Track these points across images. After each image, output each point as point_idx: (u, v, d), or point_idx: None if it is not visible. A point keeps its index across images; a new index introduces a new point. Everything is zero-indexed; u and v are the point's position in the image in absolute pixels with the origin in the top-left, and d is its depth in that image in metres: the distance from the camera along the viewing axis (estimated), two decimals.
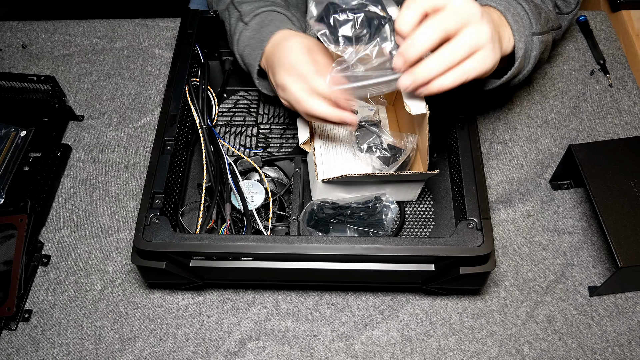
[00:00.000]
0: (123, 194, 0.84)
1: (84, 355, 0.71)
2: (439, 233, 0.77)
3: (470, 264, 0.64)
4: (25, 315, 0.74)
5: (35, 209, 0.79)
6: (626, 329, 0.72)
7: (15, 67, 0.99)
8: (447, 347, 0.71)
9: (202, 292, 0.76)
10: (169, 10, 1.13)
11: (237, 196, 0.74)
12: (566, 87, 0.94)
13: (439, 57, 0.55)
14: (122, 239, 0.80)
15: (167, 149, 0.72)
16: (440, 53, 0.55)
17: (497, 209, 0.81)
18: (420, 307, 0.74)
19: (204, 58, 0.85)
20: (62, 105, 0.90)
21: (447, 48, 0.55)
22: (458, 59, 0.56)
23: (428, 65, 0.56)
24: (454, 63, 0.56)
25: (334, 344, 0.72)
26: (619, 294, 0.74)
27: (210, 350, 0.71)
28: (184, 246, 0.64)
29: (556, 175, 0.83)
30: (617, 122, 0.89)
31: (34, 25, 1.04)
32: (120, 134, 0.90)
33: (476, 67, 0.56)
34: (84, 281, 0.77)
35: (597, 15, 1.01)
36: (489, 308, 0.74)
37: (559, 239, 0.79)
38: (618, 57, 0.96)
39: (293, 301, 0.75)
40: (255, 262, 0.66)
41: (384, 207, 0.73)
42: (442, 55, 0.55)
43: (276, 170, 0.81)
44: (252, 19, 0.75)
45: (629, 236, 0.69)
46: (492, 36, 0.57)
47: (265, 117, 0.89)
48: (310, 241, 0.64)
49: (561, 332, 0.72)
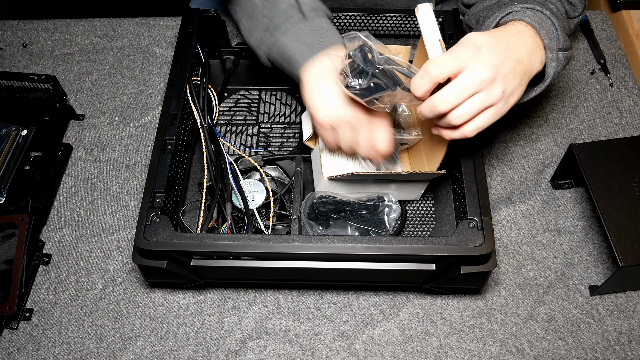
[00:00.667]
0: (124, 193, 0.84)
1: (85, 354, 0.71)
2: (440, 232, 0.77)
3: (471, 263, 0.64)
4: (26, 314, 0.74)
5: (36, 208, 0.79)
6: (627, 329, 0.72)
7: (16, 66, 0.99)
8: (447, 346, 0.71)
9: (203, 291, 0.76)
10: (170, 9, 1.13)
11: (238, 195, 0.74)
12: (567, 87, 0.94)
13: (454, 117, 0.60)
14: (123, 238, 0.80)
15: (167, 148, 0.72)
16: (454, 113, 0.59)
17: (498, 208, 0.81)
18: (421, 307, 0.74)
19: (205, 57, 0.85)
20: (63, 105, 0.90)
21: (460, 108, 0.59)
22: (469, 116, 0.60)
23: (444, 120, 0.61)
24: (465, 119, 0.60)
25: (334, 343, 0.72)
26: (619, 293, 0.75)
27: (211, 349, 0.71)
28: (184, 245, 0.64)
29: (557, 174, 0.83)
30: (617, 122, 0.89)
31: (35, 25, 1.04)
32: (121, 133, 0.90)
33: (486, 122, 0.61)
34: (84, 280, 0.77)
35: (598, 15, 1.01)
36: (490, 307, 0.74)
37: (560, 238, 0.79)
38: (619, 56, 0.96)
39: (294, 300, 0.75)
40: (256, 261, 0.66)
41: (386, 206, 0.73)
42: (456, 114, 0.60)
43: (277, 169, 0.81)
44: (313, 15, 0.71)
45: (630, 235, 0.69)
46: (504, 92, 0.59)
47: (266, 116, 0.89)
48: (311, 240, 0.64)
49: (562, 332, 0.72)
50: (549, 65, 0.66)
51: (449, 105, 0.58)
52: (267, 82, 0.91)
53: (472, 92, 0.58)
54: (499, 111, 0.60)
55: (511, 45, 0.61)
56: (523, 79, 0.62)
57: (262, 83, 0.91)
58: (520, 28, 0.65)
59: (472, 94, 0.58)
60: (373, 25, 0.91)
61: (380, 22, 0.90)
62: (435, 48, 0.63)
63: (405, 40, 0.96)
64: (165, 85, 0.84)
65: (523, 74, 0.62)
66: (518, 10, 0.67)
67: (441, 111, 0.59)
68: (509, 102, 0.61)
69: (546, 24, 0.66)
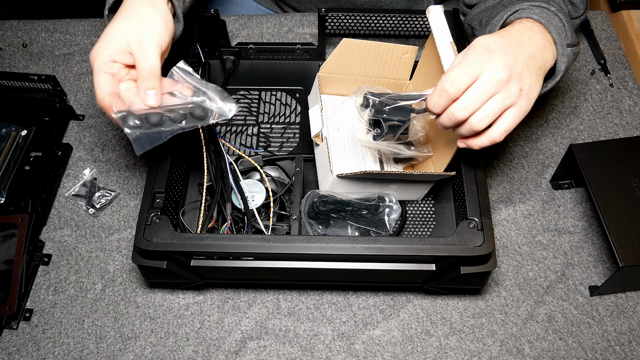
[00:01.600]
0: (124, 193, 0.84)
1: (84, 355, 0.71)
2: (440, 233, 0.77)
3: (471, 263, 0.64)
4: (26, 315, 0.74)
5: (36, 208, 0.79)
6: (627, 329, 0.72)
7: (15, 66, 0.99)
8: (447, 346, 0.71)
9: (203, 292, 0.76)
10: None
11: (238, 195, 0.74)
12: (567, 87, 0.94)
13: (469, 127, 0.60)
14: (122, 239, 0.80)
15: (167, 148, 0.72)
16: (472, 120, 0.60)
17: (498, 208, 0.81)
18: (421, 307, 0.74)
19: (205, 57, 0.85)
20: (63, 105, 0.90)
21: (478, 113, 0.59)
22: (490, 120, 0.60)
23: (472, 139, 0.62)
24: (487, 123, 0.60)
25: (334, 344, 0.72)
26: (619, 293, 0.74)
27: (211, 350, 0.71)
28: (184, 246, 0.64)
29: (557, 174, 0.83)
30: (617, 122, 0.89)
31: (35, 25, 1.04)
32: (121, 133, 0.90)
33: (512, 122, 0.60)
34: (84, 280, 0.77)
35: (598, 15, 1.01)
36: (490, 307, 0.74)
37: (560, 238, 0.79)
38: (619, 57, 0.96)
39: (294, 300, 0.75)
40: (256, 261, 0.66)
41: (387, 207, 0.73)
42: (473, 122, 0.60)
43: (277, 169, 0.81)
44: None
45: (630, 236, 0.69)
46: (521, 89, 0.59)
47: (266, 116, 0.89)
48: (311, 241, 0.64)
49: (562, 332, 0.72)
50: (559, 60, 0.66)
51: (468, 111, 0.58)
52: (267, 83, 0.91)
53: (489, 95, 0.58)
54: (522, 109, 0.60)
55: (522, 43, 0.61)
56: (539, 74, 0.62)
57: (262, 83, 0.91)
58: (529, 25, 0.65)
59: (490, 97, 0.58)
60: (373, 25, 0.91)
61: (380, 22, 0.90)
62: (447, 51, 0.64)
63: (405, 40, 0.96)
64: None
65: (538, 69, 0.62)
66: (525, 8, 0.67)
67: (460, 118, 0.59)
68: (530, 99, 0.61)
69: (554, 20, 0.66)
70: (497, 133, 0.60)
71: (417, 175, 0.71)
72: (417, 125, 0.69)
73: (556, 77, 0.67)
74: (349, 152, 0.77)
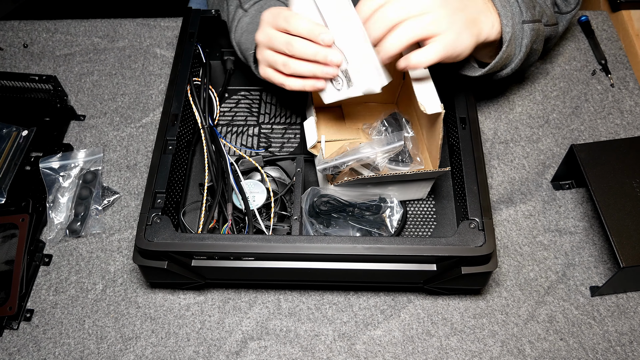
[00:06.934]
0: (124, 193, 0.84)
1: (85, 355, 0.71)
2: (441, 233, 0.77)
3: (471, 263, 0.64)
4: (26, 315, 0.74)
5: (37, 209, 0.79)
6: (628, 329, 0.72)
7: (16, 66, 0.99)
8: (448, 346, 0.71)
9: (204, 292, 0.76)
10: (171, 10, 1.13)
11: (239, 196, 0.74)
12: (568, 87, 0.94)
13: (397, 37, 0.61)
14: (123, 239, 0.80)
15: (168, 149, 0.72)
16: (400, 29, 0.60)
17: (499, 208, 0.81)
18: (421, 307, 0.74)
19: (206, 57, 0.85)
20: (64, 105, 0.90)
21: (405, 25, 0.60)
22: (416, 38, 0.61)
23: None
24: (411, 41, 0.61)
25: (335, 344, 0.72)
26: (620, 294, 0.74)
27: (212, 350, 0.71)
28: (185, 246, 0.64)
29: (558, 175, 0.83)
30: (618, 122, 0.89)
31: (36, 25, 1.04)
32: (122, 134, 0.90)
33: (438, 49, 0.61)
34: (85, 281, 0.77)
35: (599, 16, 1.01)
36: (491, 308, 0.74)
37: (561, 239, 0.79)
38: (620, 57, 0.96)
39: (294, 301, 0.75)
40: (256, 261, 0.66)
41: (388, 207, 0.73)
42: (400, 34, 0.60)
43: (278, 170, 0.81)
44: (252, 6, 0.77)
45: (631, 236, 0.69)
46: (453, 22, 0.61)
47: (266, 116, 0.89)
48: (311, 241, 0.64)
49: (563, 332, 0.72)
50: (504, 31, 0.67)
51: (403, 13, 0.60)
52: (268, 83, 0.91)
53: (423, 9, 0.60)
54: (447, 40, 0.61)
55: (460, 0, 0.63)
56: (469, 26, 0.63)
57: (263, 84, 0.91)
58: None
59: (423, 12, 0.60)
60: None
61: None
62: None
63: None
64: (166, 86, 0.84)
65: (469, 22, 0.63)
66: None
67: (391, 16, 0.60)
68: (457, 38, 0.62)
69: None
70: (424, 54, 0.61)
71: (412, 174, 0.70)
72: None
73: (503, 46, 0.68)
74: None
